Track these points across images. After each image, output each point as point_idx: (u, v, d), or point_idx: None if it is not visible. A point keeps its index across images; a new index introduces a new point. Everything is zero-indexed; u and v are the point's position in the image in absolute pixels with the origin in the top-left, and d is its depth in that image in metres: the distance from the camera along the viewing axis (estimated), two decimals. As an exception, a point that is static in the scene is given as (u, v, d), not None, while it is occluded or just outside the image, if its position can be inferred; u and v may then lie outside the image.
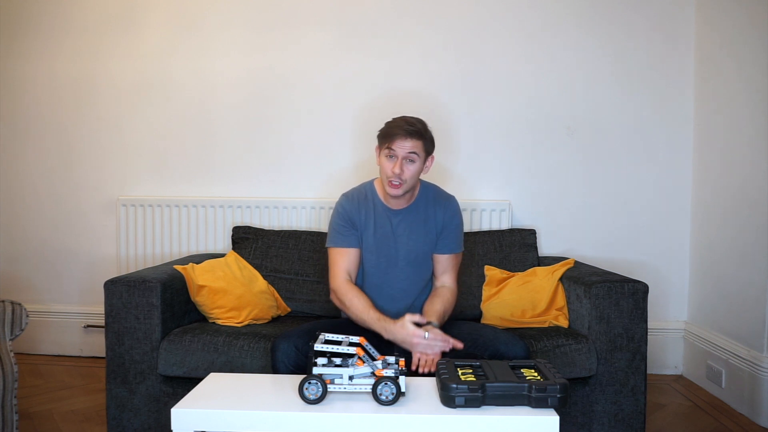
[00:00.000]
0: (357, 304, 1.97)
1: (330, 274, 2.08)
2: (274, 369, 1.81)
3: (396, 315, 2.06)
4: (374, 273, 2.08)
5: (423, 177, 2.09)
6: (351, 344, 1.55)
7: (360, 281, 2.10)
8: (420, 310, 2.06)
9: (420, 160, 1.98)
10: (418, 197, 2.10)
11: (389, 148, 1.96)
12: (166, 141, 3.14)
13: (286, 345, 1.81)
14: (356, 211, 2.08)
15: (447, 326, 2.01)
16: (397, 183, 1.96)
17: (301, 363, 1.79)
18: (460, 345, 1.83)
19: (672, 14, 2.98)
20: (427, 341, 1.82)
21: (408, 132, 1.94)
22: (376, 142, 2.05)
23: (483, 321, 2.43)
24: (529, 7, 3.00)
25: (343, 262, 2.05)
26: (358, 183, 2.95)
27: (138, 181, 3.15)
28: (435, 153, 2.06)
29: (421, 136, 1.97)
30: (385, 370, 1.49)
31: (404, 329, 1.85)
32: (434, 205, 2.10)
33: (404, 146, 1.94)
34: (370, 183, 2.16)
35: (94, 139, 3.17)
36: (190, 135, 3.12)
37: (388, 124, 2.01)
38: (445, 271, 2.11)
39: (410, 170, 1.96)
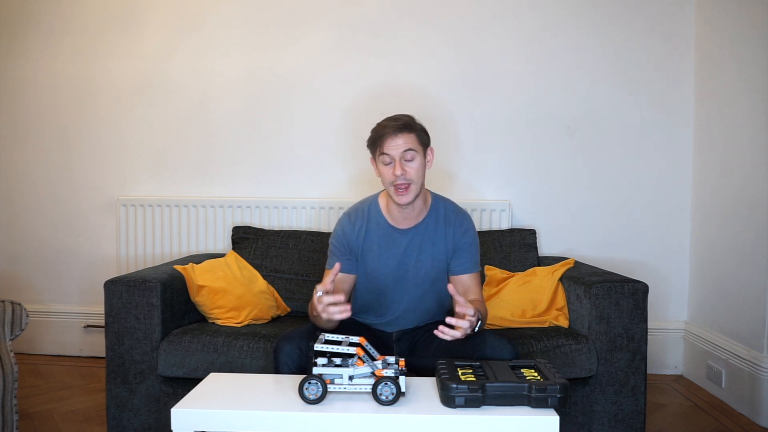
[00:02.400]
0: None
1: None
2: (277, 371, 1.77)
3: (399, 338, 2.02)
4: (379, 297, 1.97)
5: (427, 175, 1.94)
6: (351, 344, 1.54)
7: (363, 304, 2.01)
8: (423, 335, 1.96)
9: (419, 154, 1.83)
10: (428, 215, 1.95)
11: (383, 153, 1.82)
12: (166, 141, 3.14)
13: (290, 347, 1.76)
14: (356, 235, 1.94)
15: (437, 327, 1.95)
16: (403, 185, 1.81)
17: (304, 365, 1.73)
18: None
19: (672, 14, 2.99)
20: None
21: (397, 128, 1.81)
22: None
23: (483, 321, 2.42)
24: (529, 7, 3.00)
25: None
26: (358, 183, 2.99)
27: (138, 181, 3.15)
28: (435, 152, 1.95)
29: (412, 128, 1.83)
30: (385, 370, 1.49)
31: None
32: (444, 224, 1.95)
33: (397, 145, 1.80)
34: (375, 201, 1.99)
35: (94, 139, 3.17)
36: (190, 135, 3.13)
37: (373, 129, 1.88)
38: (467, 290, 1.92)
39: (413, 168, 1.82)
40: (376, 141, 1.85)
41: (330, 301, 1.63)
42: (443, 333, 1.62)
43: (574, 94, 3.01)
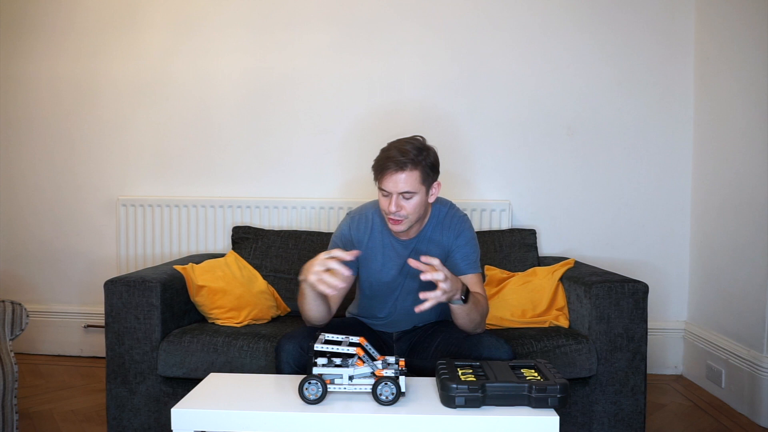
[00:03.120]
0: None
1: None
2: (278, 370, 1.77)
3: (399, 338, 2.02)
4: (379, 303, 1.98)
5: (432, 201, 1.90)
6: (351, 344, 1.54)
7: (363, 307, 2.02)
8: (423, 335, 1.96)
9: (420, 191, 1.77)
10: (427, 223, 1.93)
11: (381, 188, 1.77)
12: (167, 141, 3.14)
13: (292, 346, 1.76)
14: (359, 240, 1.93)
15: (435, 328, 1.95)
16: (398, 219, 1.79)
17: (305, 363, 1.72)
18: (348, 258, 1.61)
19: (672, 14, 2.98)
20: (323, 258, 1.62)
21: (399, 164, 1.72)
22: (375, 142, 1.91)
23: (483, 321, 2.42)
24: (529, 8, 3.00)
25: None
26: (358, 183, 2.99)
27: (138, 181, 3.15)
28: (435, 152, 1.87)
29: (416, 164, 1.74)
30: (385, 370, 1.49)
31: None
32: (441, 229, 1.92)
33: (396, 182, 1.74)
34: (378, 209, 1.96)
35: (95, 139, 3.17)
36: (191, 135, 3.12)
37: (381, 151, 1.81)
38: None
39: (411, 205, 1.77)
40: (378, 171, 1.79)
41: (336, 257, 1.59)
42: (427, 299, 1.60)
43: (574, 94, 3.01)
